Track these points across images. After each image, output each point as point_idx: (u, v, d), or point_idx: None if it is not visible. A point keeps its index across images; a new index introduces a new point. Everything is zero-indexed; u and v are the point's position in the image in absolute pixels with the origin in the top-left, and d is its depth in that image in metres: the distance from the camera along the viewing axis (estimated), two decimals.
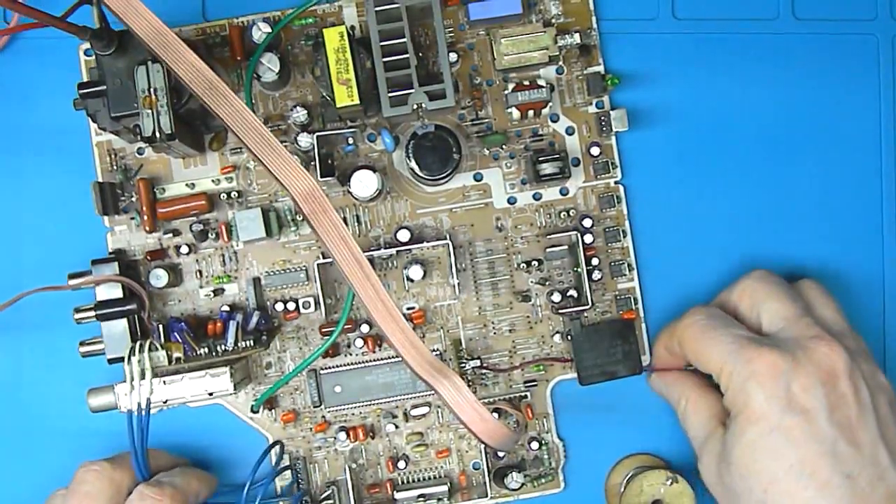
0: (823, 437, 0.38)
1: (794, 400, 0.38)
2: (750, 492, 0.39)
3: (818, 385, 0.38)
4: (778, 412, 0.38)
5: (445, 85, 0.43)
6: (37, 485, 0.47)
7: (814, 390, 0.38)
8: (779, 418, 0.38)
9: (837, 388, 0.39)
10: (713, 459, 0.41)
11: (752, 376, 0.39)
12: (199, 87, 0.39)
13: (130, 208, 0.46)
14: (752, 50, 0.48)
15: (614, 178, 0.47)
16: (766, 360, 0.39)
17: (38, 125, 0.47)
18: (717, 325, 0.42)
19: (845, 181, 0.48)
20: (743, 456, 0.39)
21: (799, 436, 0.38)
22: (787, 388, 0.38)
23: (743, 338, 0.41)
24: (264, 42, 0.44)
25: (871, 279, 0.48)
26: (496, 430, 0.39)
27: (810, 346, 0.39)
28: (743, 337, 0.41)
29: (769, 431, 0.38)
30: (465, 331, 0.47)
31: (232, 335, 0.44)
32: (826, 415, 0.38)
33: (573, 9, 0.47)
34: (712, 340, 0.41)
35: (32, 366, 0.47)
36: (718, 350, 0.41)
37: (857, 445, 0.38)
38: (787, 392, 0.38)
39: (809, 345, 0.40)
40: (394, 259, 0.47)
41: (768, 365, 0.39)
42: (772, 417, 0.38)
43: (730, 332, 0.41)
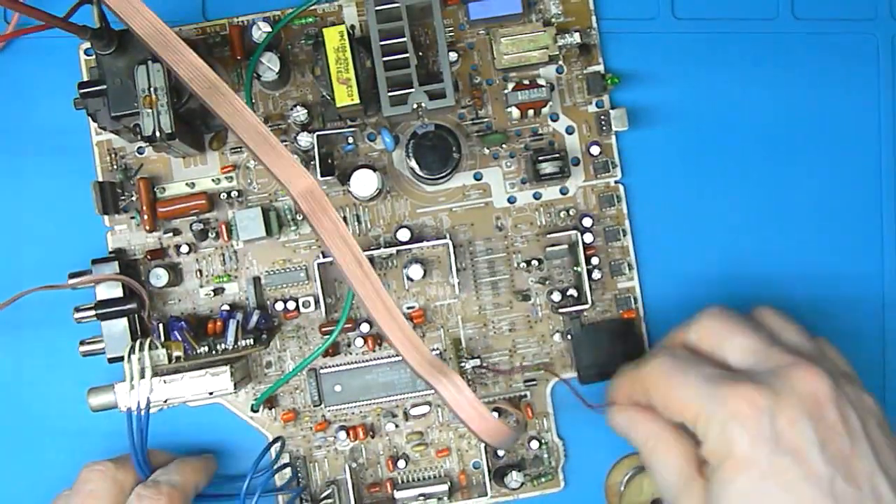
0: (819, 477, 0.34)
1: (782, 438, 0.35)
2: None
3: (805, 418, 0.35)
4: (767, 455, 0.35)
5: (445, 84, 0.43)
6: (37, 485, 0.47)
7: (801, 424, 0.35)
8: (769, 462, 0.35)
9: (825, 417, 0.36)
10: None
11: (732, 418, 0.35)
12: (199, 87, 0.39)
13: (130, 208, 0.46)
14: (751, 50, 0.48)
15: (614, 177, 0.47)
16: (744, 398, 0.35)
17: (38, 124, 0.47)
18: (685, 366, 0.38)
19: (845, 181, 0.48)
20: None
21: (793, 479, 0.35)
22: (772, 425, 0.35)
23: (716, 376, 0.37)
24: (264, 41, 0.44)
25: (870, 279, 0.48)
26: (496, 428, 0.39)
27: (790, 375, 0.36)
28: (716, 375, 0.37)
29: (760, 478, 0.35)
30: (465, 330, 0.47)
31: (232, 334, 0.44)
32: (818, 451, 0.35)
33: (573, 8, 0.47)
34: (683, 383, 0.38)
35: (32, 365, 0.47)
36: (691, 393, 0.37)
37: (855, 480, 0.35)
38: (774, 430, 0.35)
39: (788, 373, 0.36)
40: (394, 258, 0.47)
41: (748, 402, 0.35)
42: (761, 462, 0.35)
43: (700, 373, 0.37)
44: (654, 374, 0.39)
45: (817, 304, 0.48)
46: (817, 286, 0.48)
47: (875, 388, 0.47)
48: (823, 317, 0.48)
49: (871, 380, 0.48)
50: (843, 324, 0.48)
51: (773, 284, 0.48)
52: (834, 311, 0.48)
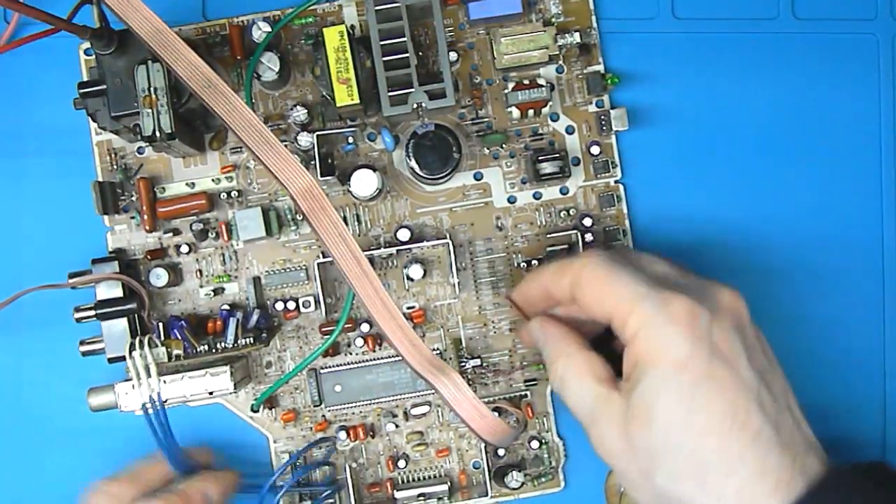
0: (749, 385, 0.36)
1: (717, 348, 0.36)
2: (678, 448, 0.35)
3: (734, 331, 0.37)
4: (705, 360, 0.36)
5: (445, 84, 0.43)
6: (37, 484, 0.47)
7: (732, 336, 0.36)
8: (707, 365, 0.35)
9: (748, 334, 0.37)
10: (614, 425, 0.37)
11: (671, 321, 0.36)
12: (199, 86, 0.39)
13: (130, 207, 0.46)
14: (751, 49, 0.48)
15: (614, 177, 0.47)
16: (684, 305, 0.36)
17: (38, 124, 0.47)
18: (621, 266, 0.38)
19: (845, 181, 0.48)
20: (669, 408, 0.35)
21: (728, 384, 0.36)
22: (709, 334, 0.36)
23: (654, 279, 0.37)
24: (264, 41, 0.44)
25: (870, 278, 0.48)
26: (495, 426, 0.39)
27: (715, 293, 0.38)
28: (653, 278, 0.38)
29: (697, 381, 0.35)
30: (465, 330, 0.47)
31: (232, 332, 0.44)
32: (746, 361, 0.36)
33: (573, 8, 0.47)
34: (619, 282, 0.37)
35: (32, 365, 0.47)
36: (626, 292, 0.37)
37: (774, 391, 0.37)
38: (711, 339, 0.36)
39: (713, 291, 0.38)
40: (394, 258, 0.47)
41: (687, 309, 0.36)
42: (699, 365, 0.35)
43: (635, 273, 0.38)
44: (589, 269, 0.38)
45: (817, 303, 0.48)
46: (817, 286, 0.48)
47: (876, 390, 0.48)
48: (823, 316, 0.48)
49: (872, 382, 0.48)
50: (844, 324, 0.48)
51: (773, 284, 0.48)
52: (834, 312, 0.48)
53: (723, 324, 0.37)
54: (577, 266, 0.39)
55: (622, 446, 0.37)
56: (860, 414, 0.48)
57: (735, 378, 0.36)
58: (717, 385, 0.35)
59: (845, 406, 0.48)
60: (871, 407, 0.48)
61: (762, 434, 0.35)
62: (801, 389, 0.39)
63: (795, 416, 0.37)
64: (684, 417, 0.35)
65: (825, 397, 0.47)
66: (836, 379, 0.48)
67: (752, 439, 0.35)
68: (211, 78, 0.39)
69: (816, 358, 0.48)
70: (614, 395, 0.37)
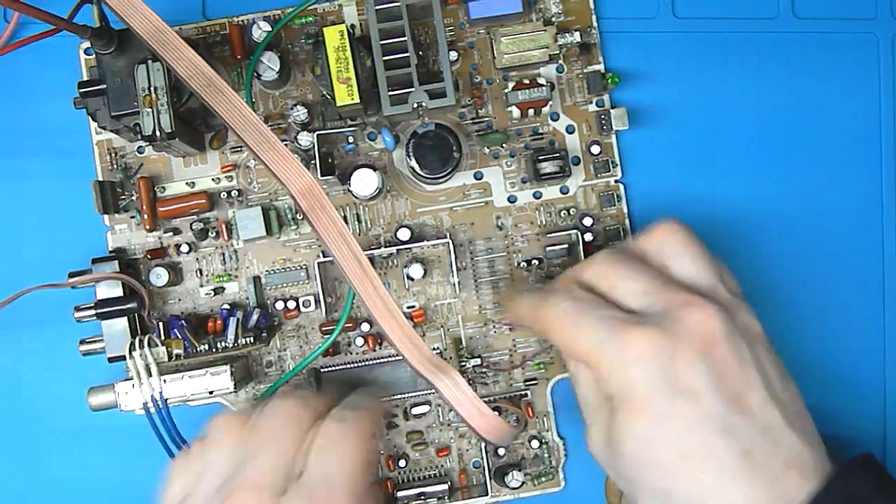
0: (714, 415, 0.35)
1: (678, 381, 0.36)
2: (646, 481, 0.37)
3: (699, 359, 0.36)
4: (665, 398, 0.35)
5: (445, 83, 0.43)
6: (37, 484, 0.47)
7: (697, 366, 0.36)
8: (667, 405, 0.35)
9: (717, 354, 0.36)
10: (602, 439, 0.38)
11: (630, 362, 0.36)
12: (198, 85, 0.39)
13: (131, 207, 0.46)
14: (752, 49, 0.48)
15: (614, 176, 0.47)
16: (641, 343, 0.36)
17: (38, 124, 0.47)
18: (582, 309, 0.38)
19: (845, 180, 0.48)
20: (634, 449, 0.36)
21: (690, 420, 0.35)
22: (668, 369, 0.36)
23: (613, 320, 0.37)
24: (264, 41, 0.44)
25: (870, 278, 0.48)
26: (495, 425, 0.39)
27: (683, 315, 0.37)
28: (613, 319, 0.37)
29: (659, 421, 0.36)
30: (466, 329, 0.47)
31: (232, 332, 0.44)
32: (713, 389, 0.35)
33: (573, 7, 0.47)
34: (580, 329, 0.38)
35: (32, 364, 0.47)
36: (589, 338, 0.37)
37: (749, 412, 0.36)
38: (670, 373, 0.36)
39: (681, 313, 0.37)
40: (394, 258, 0.47)
41: (645, 346, 0.36)
42: (659, 405, 0.36)
43: (597, 316, 0.38)
44: (553, 319, 0.39)
45: (818, 302, 0.48)
46: (818, 285, 0.48)
47: (876, 388, 0.48)
48: (824, 316, 0.48)
49: (872, 381, 0.48)
50: (844, 324, 0.48)
51: (773, 284, 0.48)
52: (834, 311, 0.48)
53: (685, 353, 0.36)
54: (543, 317, 0.40)
55: (606, 459, 0.38)
56: (860, 412, 0.48)
57: (697, 412, 0.35)
58: (678, 422, 0.36)
59: (845, 404, 0.48)
60: (871, 406, 0.48)
61: (729, 464, 0.35)
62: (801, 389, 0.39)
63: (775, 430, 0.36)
64: (649, 457, 0.36)
65: (824, 397, 0.47)
66: (835, 378, 0.48)
67: (717, 471, 0.35)
68: (211, 77, 0.39)
69: (816, 357, 0.48)
70: (605, 410, 0.38)
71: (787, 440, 0.36)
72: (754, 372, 0.37)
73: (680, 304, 0.37)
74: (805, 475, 0.35)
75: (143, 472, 0.46)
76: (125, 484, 0.47)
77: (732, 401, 0.36)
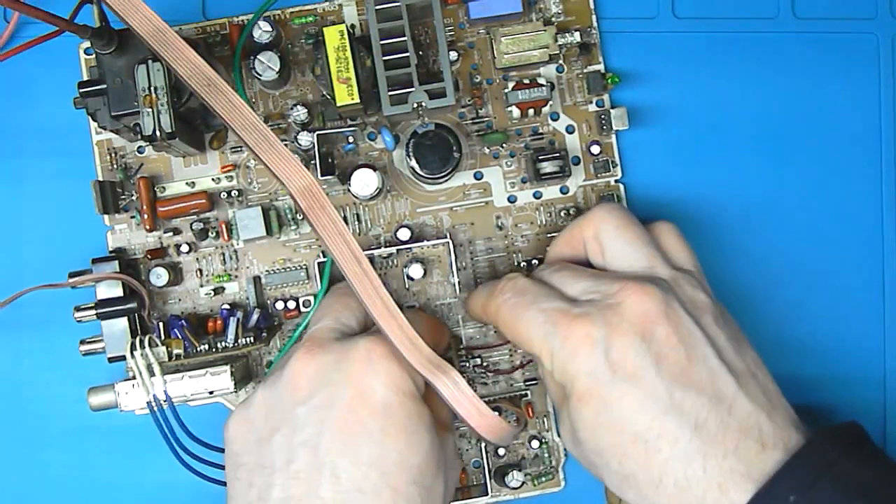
0: (658, 395, 0.36)
1: (617, 367, 0.36)
2: (607, 465, 0.37)
3: (637, 341, 0.36)
4: (606, 385, 0.36)
5: (445, 83, 0.43)
6: (37, 484, 0.47)
7: (634, 349, 0.36)
8: (608, 391, 0.36)
9: (657, 335, 0.36)
10: (566, 431, 0.39)
11: (571, 354, 0.37)
12: (198, 84, 0.39)
13: (131, 207, 0.46)
14: (752, 49, 0.48)
15: (614, 176, 0.47)
16: (579, 334, 0.37)
17: (38, 124, 0.47)
18: (526, 302, 0.39)
19: (845, 180, 0.48)
20: (587, 436, 0.37)
21: (633, 402, 0.36)
22: (606, 356, 0.36)
23: (555, 312, 0.38)
24: (245, 31, 0.44)
25: (870, 278, 0.48)
26: (495, 424, 0.39)
27: (618, 301, 0.37)
28: (554, 311, 0.38)
29: (604, 408, 0.36)
30: (466, 329, 0.47)
31: (232, 331, 0.44)
32: (654, 370, 0.36)
33: (573, 7, 0.47)
34: (524, 322, 0.39)
35: (32, 364, 0.47)
36: (532, 332, 0.38)
37: (696, 387, 0.36)
38: (609, 361, 0.36)
39: (617, 299, 0.37)
40: (394, 258, 0.47)
41: (583, 338, 0.37)
42: (602, 392, 0.36)
43: (539, 309, 0.38)
44: (500, 313, 0.40)
45: (818, 301, 0.48)
46: (818, 284, 0.48)
47: (876, 387, 0.48)
48: (823, 315, 0.48)
49: (872, 380, 0.48)
50: (844, 323, 0.48)
51: (772, 284, 0.48)
52: (834, 310, 0.48)
53: (622, 338, 0.36)
54: (492, 309, 0.41)
55: (573, 449, 0.40)
56: (860, 408, 0.48)
57: (641, 393, 0.36)
58: (624, 406, 0.36)
59: (845, 402, 0.48)
60: (872, 407, 0.48)
61: (682, 439, 0.35)
62: (799, 383, 0.39)
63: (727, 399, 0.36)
64: (604, 443, 0.37)
65: (824, 391, 0.47)
66: (835, 375, 0.48)
67: (671, 448, 0.35)
68: (211, 77, 0.39)
69: (816, 353, 0.48)
70: (565, 404, 0.39)
71: (741, 407, 0.36)
72: (700, 345, 0.37)
73: (615, 291, 0.38)
74: (765, 443, 0.35)
75: (143, 472, 0.47)
76: (125, 484, 0.47)
77: (677, 377, 0.36)
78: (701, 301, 0.39)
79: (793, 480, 0.34)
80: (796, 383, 0.40)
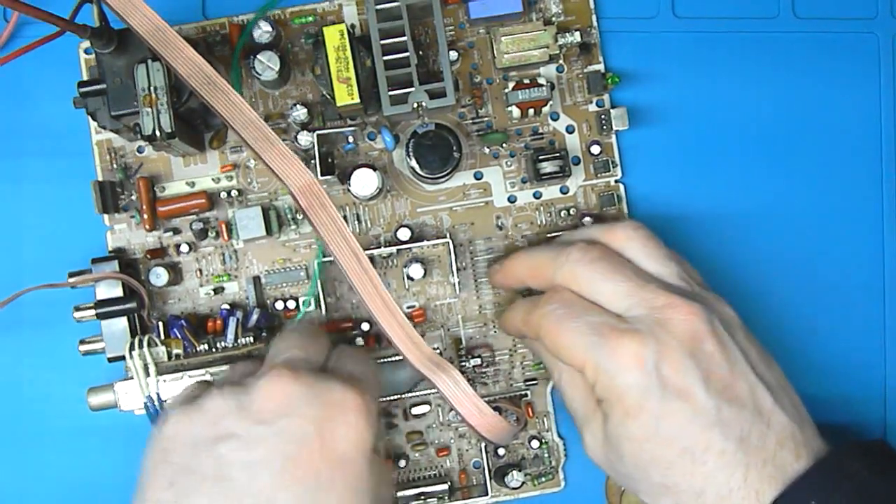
0: (706, 410, 0.37)
1: (668, 384, 0.37)
2: (648, 478, 0.38)
3: (687, 358, 0.37)
4: (657, 400, 0.37)
5: (445, 83, 0.43)
6: (36, 484, 0.47)
7: (685, 366, 0.37)
8: (659, 407, 0.37)
9: (704, 352, 0.38)
10: (598, 443, 0.40)
11: (620, 369, 0.37)
12: (198, 83, 0.39)
13: (130, 207, 0.46)
14: (752, 49, 0.48)
15: (614, 176, 0.47)
16: (629, 350, 0.37)
17: (37, 123, 0.47)
18: (573, 314, 0.39)
19: (845, 180, 0.48)
20: (632, 450, 0.38)
21: (683, 418, 0.37)
22: (658, 373, 0.37)
23: (602, 326, 0.38)
24: (247, 29, 0.44)
25: (871, 279, 0.48)
26: (494, 424, 0.39)
27: (667, 318, 0.38)
28: (602, 325, 0.38)
29: (655, 422, 0.37)
30: (466, 329, 0.47)
31: (232, 331, 0.44)
32: (703, 386, 0.37)
33: (573, 7, 0.47)
34: (570, 333, 0.39)
35: (32, 364, 0.47)
36: (578, 343, 0.39)
37: (739, 402, 0.37)
38: (660, 377, 0.37)
39: (666, 317, 0.38)
40: (394, 258, 0.47)
41: (633, 354, 0.37)
42: (652, 408, 0.37)
43: (587, 322, 0.39)
44: (544, 323, 0.40)
45: (817, 302, 0.48)
46: (817, 285, 0.48)
47: (877, 389, 0.48)
48: (823, 316, 0.48)
49: (873, 381, 0.48)
50: (844, 323, 0.48)
51: (773, 283, 0.48)
52: (834, 310, 0.48)
53: (673, 356, 0.37)
54: (534, 321, 0.41)
55: (604, 462, 0.40)
56: (861, 413, 0.48)
57: (690, 409, 0.37)
58: (673, 421, 0.37)
59: (845, 405, 0.48)
60: (872, 407, 0.48)
61: (726, 452, 0.37)
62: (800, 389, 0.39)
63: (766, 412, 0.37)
64: (649, 456, 0.38)
65: (825, 396, 0.47)
66: (835, 379, 0.48)
67: (716, 461, 0.37)
68: (211, 76, 0.39)
69: (815, 356, 0.48)
70: (599, 417, 0.39)
71: (777, 420, 0.38)
72: (740, 361, 0.38)
73: (662, 306, 0.38)
74: (798, 453, 0.37)
75: None
76: (125, 484, 0.46)
77: (722, 393, 0.37)
78: (734, 320, 0.40)
79: (814, 486, 0.36)
80: None
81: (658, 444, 0.37)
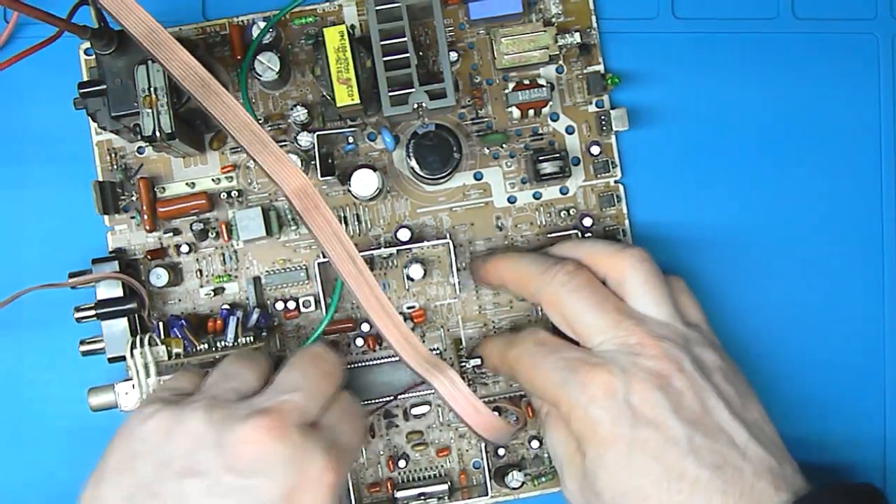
0: (678, 439, 0.37)
1: (638, 413, 0.38)
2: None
3: (655, 391, 0.38)
4: (628, 430, 0.38)
5: (446, 84, 0.43)
6: (36, 484, 0.47)
7: (654, 398, 0.38)
8: (632, 435, 0.38)
9: (673, 386, 0.38)
10: (576, 485, 0.40)
11: (591, 402, 0.38)
12: (192, 85, 0.39)
13: (131, 207, 0.46)
14: (751, 49, 0.48)
15: (614, 177, 0.47)
16: (599, 382, 0.38)
17: (37, 124, 0.47)
18: (544, 352, 0.41)
19: (845, 181, 0.48)
20: (608, 482, 0.38)
21: (655, 446, 0.37)
22: (627, 403, 0.38)
23: (573, 361, 0.40)
24: (257, 38, 0.44)
25: (870, 279, 0.48)
26: (492, 423, 0.39)
27: (636, 354, 0.39)
28: (573, 360, 0.40)
29: (627, 451, 0.38)
30: (466, 330, 0.47)
31: (232, 331, 0.44)
32: (674, 416, 0.38)
33: (573, 8, 0.47)
34: (543, 369, 0.40)
35: (32, 365, 0.47)
36: (551, 380, 0.40)
37: (711, 433, 0.38)
38: (630, 407, 0.38)
39: (635, 352, 0.39)
40: (394, 258, 0.47)
41: (603, 386, 0.38)
42: (625, 436, 0.38)
43: (559, 358, 0.40)
44: (518, 364, 0.42)
45: (817, 302, 0.48)
46: (817, 285, 0.48)
47: (876, 391, 0.48)
48: (823, 316, 0.48)
49: (872, 383, 0.48)
50: (844, 324, 0.48)
51: (772, 284, 0.48)
52: (834, 311, 0.48)
53: (642, 387, 0.38)
54: (510, 360, 0.42)
55: (583, 501, 0.40)
56: (860, 415, 0.48)
57: (662, 438, 0.38)
58: (646, 450, 0.38)
59: (844, 407, 0.48)
60: (872, 408, 0.48)
61: (700, 481, 0.37)
62: (799, 393, 0.40)
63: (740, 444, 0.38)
64: (624, 487, 0.38)
65: (823, 399, 0.48)
66: (834, 381, 0.48)
67: (690, 489, 0.37)
68: (205, 78, 0.39)
69: (815, 359, 0.48)
70: (577, 460, 0.40)
71: (753, 453, 0.38)
72: (712, 398, 0.39)
73: (633, 344, 0.39)
74: (777, 486, 0.37)
75: None
76: None
77: (695, 424, 0.38)
78: (711, 360, 0.40)
79: None
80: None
81: (633, 473, 0.38)
